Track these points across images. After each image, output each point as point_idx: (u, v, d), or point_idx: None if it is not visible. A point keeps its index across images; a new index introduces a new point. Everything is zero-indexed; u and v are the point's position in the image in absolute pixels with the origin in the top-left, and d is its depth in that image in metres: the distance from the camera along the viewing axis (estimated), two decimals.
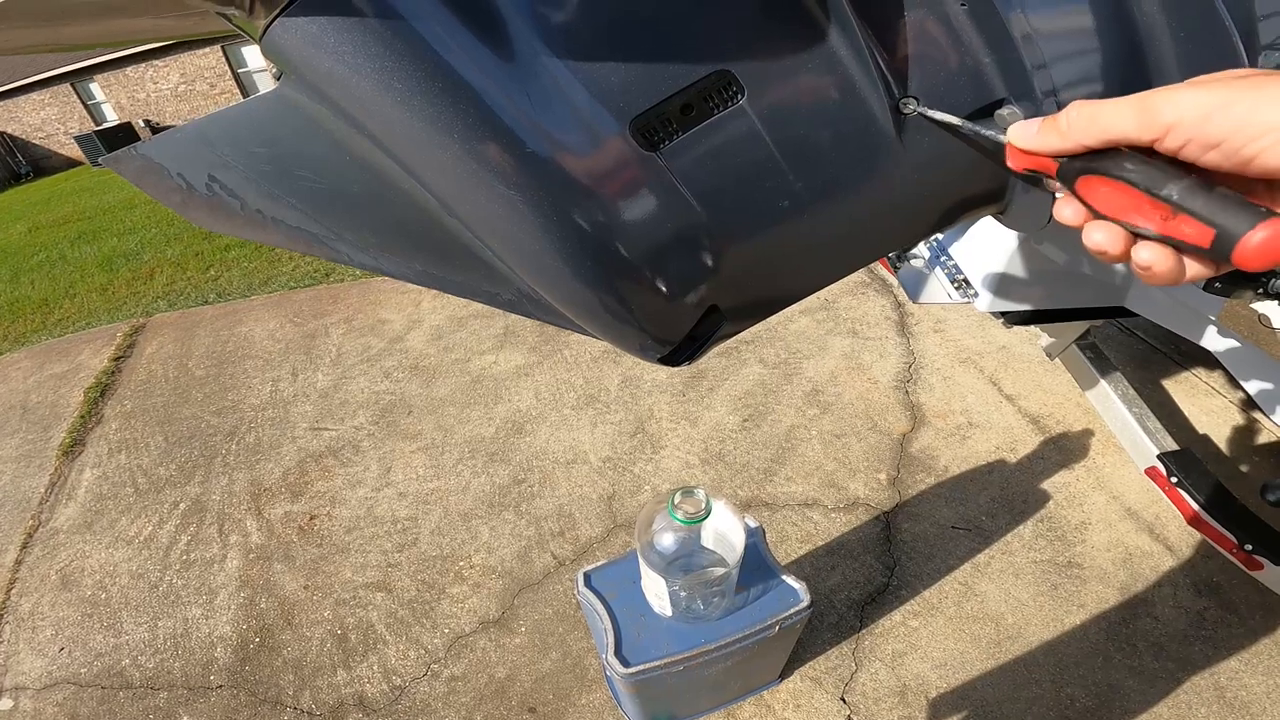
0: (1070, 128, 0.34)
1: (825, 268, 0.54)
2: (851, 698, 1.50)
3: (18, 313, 4.69)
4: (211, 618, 1.92)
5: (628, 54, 0.41)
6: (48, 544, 2.31)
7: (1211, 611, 1.59)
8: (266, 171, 0.49)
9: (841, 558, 1.82)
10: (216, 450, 2.65)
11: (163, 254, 5.47)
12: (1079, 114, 0.34)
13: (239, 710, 1.67)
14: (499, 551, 1.98)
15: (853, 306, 2.97)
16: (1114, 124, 0.32)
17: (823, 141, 0.46)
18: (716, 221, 0.46)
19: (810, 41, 0.43)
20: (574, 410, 2.55)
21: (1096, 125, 0.33)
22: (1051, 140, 0.36)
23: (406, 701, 1.62)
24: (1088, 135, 0.34)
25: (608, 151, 0.43)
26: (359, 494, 2.29)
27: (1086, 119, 0.34)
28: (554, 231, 0.43)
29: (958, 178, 0.50)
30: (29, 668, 1.87)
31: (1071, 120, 0.34)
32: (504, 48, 0.39)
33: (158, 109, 16.34)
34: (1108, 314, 1.37)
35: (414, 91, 0.38)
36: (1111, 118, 0.32)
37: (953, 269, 1.34)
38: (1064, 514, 1.87)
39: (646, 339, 0.51)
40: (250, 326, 3.68)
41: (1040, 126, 0.37)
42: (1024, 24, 0.43)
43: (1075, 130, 0.34)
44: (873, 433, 2.24)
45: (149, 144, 0.53)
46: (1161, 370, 2.33)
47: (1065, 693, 1.47)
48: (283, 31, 0.38)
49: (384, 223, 0.50)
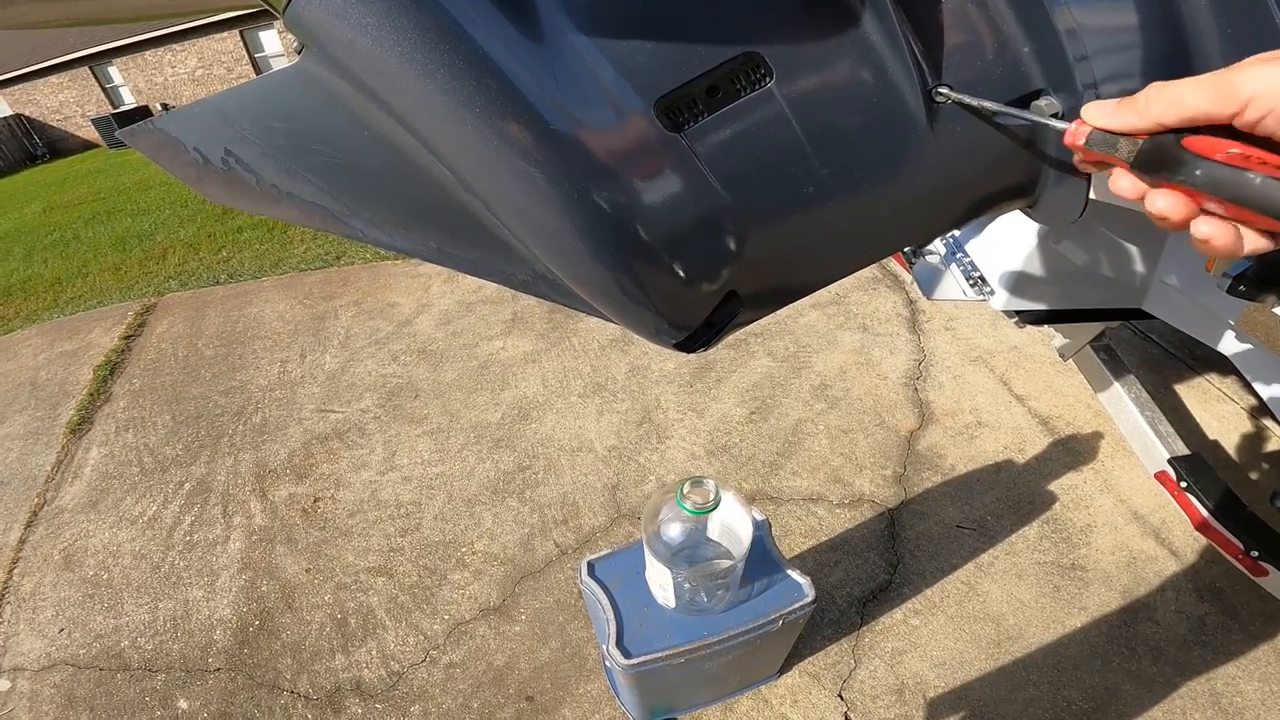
0: (1150, 105, 0.35)
1: (847, 257, 0.53)
2: (849, 695, 1.50)
3: (30, 291, 4.72)
4: (212, 600, 1.93)
5: (654, 33, 0.40)
6: (52, 523, 2.32)
7: (1212, 617, 1.59)
8: (283, 146, 0.49)
9: (845, 554, 1.81)
10: (223, 430, 2.66)
11: (176, 235, 5.49)
12: (1157, 94, 0.34)
13: (236, 693, 1.68)
14: (501, 538, 1.99)
15: (864, 302, 2.95)
16: (1193, 101, 0.33)
17: (851, 128, 0.45)
18: (739, 206, 0.46)
19: (843, 25, 0.42)
20: (580, 398, 2.54)
21: (1176, 104, 0.33)
22: (1129, 118, 0.36)
23: (404, 687, 1.63)
24: (1167, 114, 0.34)
25: (631, 131, 0.42)
26: (364, 477, 2.30)
27: (1166, 99, 0.34)
28: (573, 210, 0.43)
29: (990, 168, 0.49)
30: (28, 648, 1.89)
31: (1151, 99, 0.35)
32: (530, 23, 0.38)
33: (175, 93, 16.36)
34: (1124, 316, 1.35)
35: (437, 65, 0.38)
36: (1190, 95, 0.33)
37: (969, 266, 1.33)
38: (1070, 516, 1.86)
39: (662, 323, 0.50)
40: (260, 307, 3.69)
41: (1117, 105, 0.37)
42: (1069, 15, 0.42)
43: (1154, 108, 0.34)
44: (880, 429, 2.23)
45: (166, 118, 0.53)
46: (1174, 375, 2.31)
47: (1062, 695, 1.47)
48: (306, 4, 0.38)
49: (401, 199, 0.50)
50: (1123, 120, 0.36)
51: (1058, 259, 1.22)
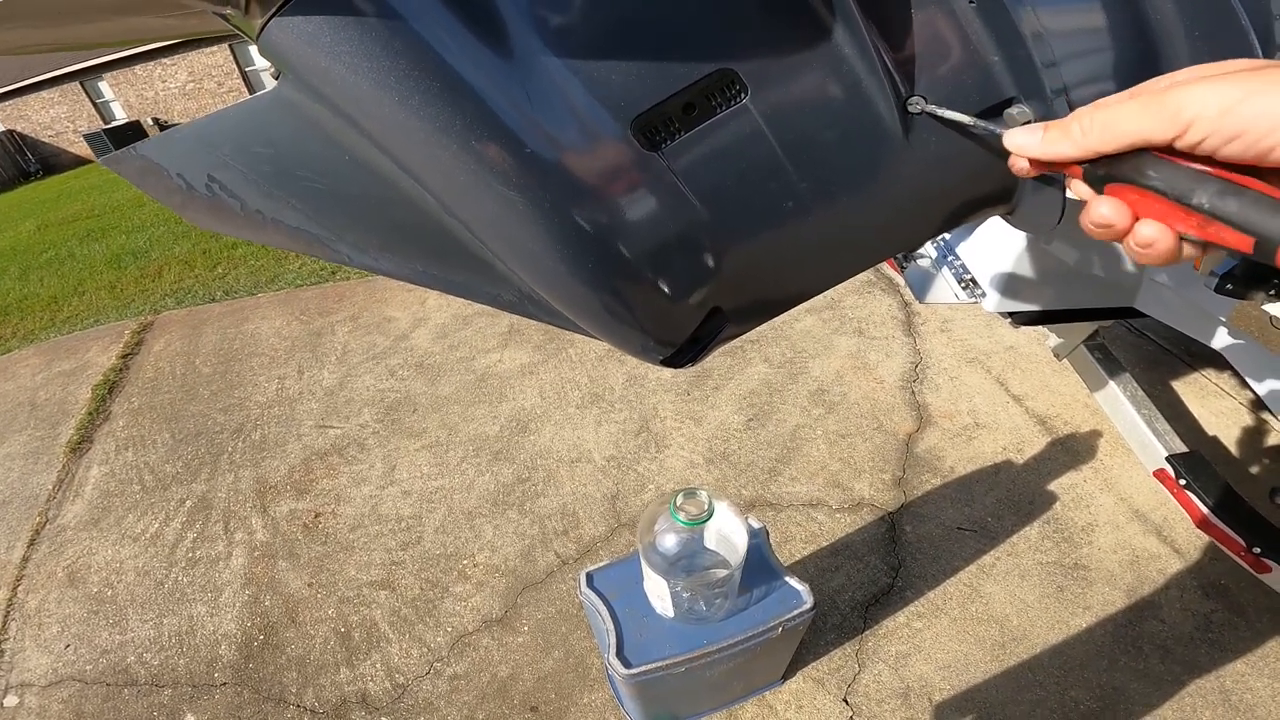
0: (1085, 134, 0.33)
1: (830, 269, 0.53)
2: (854, 699, 1.50)
3: (26, 310, 4.72)
4: (216, 615, 1.93)
5: (628, 52, 0.41)
6: (55, 541, 2.32)
7: (1218, 614, 1.58)
8: (266, 172, 0.49)
9: (846, 558, 1.81)
10: (223, 447, 2.66)
11: (170, 251, 5.50)
12: (1092, 120, 0.33)
13: (243, 708, 1.67)
14: (502, 550, 1.99)
15: (859, 306, 2.96)
16: (1132, 126, 0.31)
17: (828, 141, 0.45)
18: (719, 222, 0.46)
19: (814, 39, 0.43)
20: (578, 409, 2.54)
21: (1113, 130, 0.32)
22: (1062, 148, 0.34)
23: (409, 700, 1.62)
24: (1104, 142, 0.32)
25: (608, 151, 0.42)
26: (364, 492, 2.30)
27: (1101, 125, 0.32)
28: (554, 232, 0.43)
29: (966, 178, 0.49)
30: (35, 664, 1.89)
31: (1085, 127, 0.33)
32: (502, 46, 0.39)
33: (166, 107, 16.42)
34: (1117, 314, 1.36)
35: (411, 91, 0.38)
36: (1128, 121, 0.31)
37: (960, 269, 1.33)
38: (1071, 515, 1.86)
39: (649, 341, 0.50)
40: (257, 324, 3.69)
41: (1045, 134, 0.35)
42: (1034, 21, 0.42)
43: (1090, 137, 0.33)
44: (878, 433, 2.23)
45: (148, 144, 0.53)
46: (1171, 371, 2.31)
47: (1069, 695, 1.46)
48: (279, 31, 0.38)
49: (384, 223, 0.50)
50: (1054, 150, 0.34)
51: (1048, 260, 1.23)
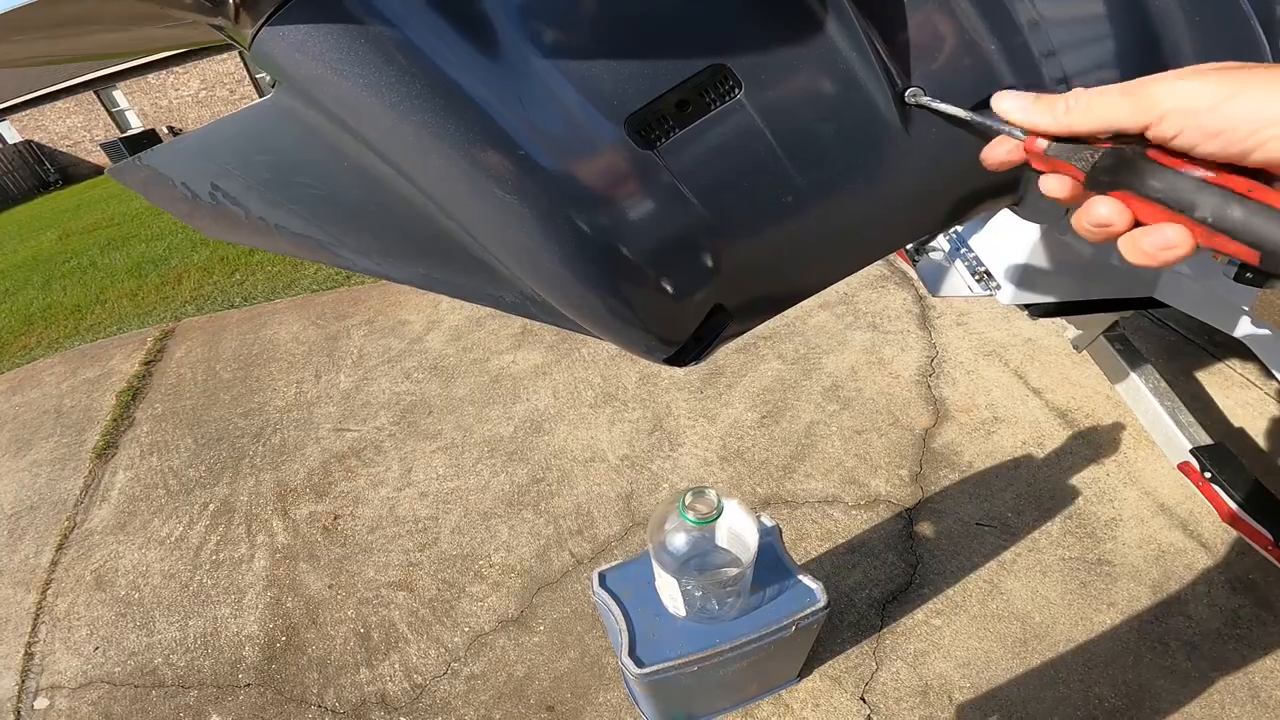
0: (1068, 113, 0.34)
1: (831, 264, 0.53)
2: (872, 697, 1.48)
3: (50, 319, 4.83)
4: (240, 617, 1.96)
5: (619, 51, 0.40)
6: (83, 545, 2.37)
7: (1246, 609, 1.54)
8: (267, 179, 0.50)
9: (862, 555, 1.79)
10: (244, 452, 2.70)
11: (189, 259, 5.59)
12: (1078, 100, 0.34)
13: (266, 708, 1.70)
14: (518, 550, 1.99)
15: (873, 300, 2.93)
16: (1112, 112, 0.33)
17: (825, 135, 0.44)
18: (718, 219, 0.45)
19: (806, 32, 0.42)
20: (592, 408, 2.55)
21: (1090, 113, 0.33)
22: (1043, 120, 0.36)
23: (427, 700, 1.63)
24: (1079, 122, 0.34)
25: (604, 151, 0.42)
26: (381, 494, 2.32)
27: (1083, 106, 0.34)
28: (552, 234, 0.43)
29: (968, 169, 0.48)
30: (65, 667, 1.93)
31: (1070, 105, 0.34)
32: (493, 50, 0.39)
33: (180, 115, 16.68)
34: (1136, 305, 1.32)
35: (403, 96, 0.38)
36: (1105, 106, 0.33)
37: (973, 261, 1.31)
38: (1094, 510, 1.82)
39: (651, 340, 0.50)
40: (275, 329, 3.74)
41: (1033, 103, 0.36)
42: (1031, 10, 0.41)
43: (1072, 116, 0.34)
44: (894, 428, 2.20)
45: (152, 154, 0.54)
46: (1194, 362, 2.26)
47: (1094, 692, 1.43)
48: (270, 39, 0.38)
49: (384, 227, 0.50)
50: (1035, 118, 0.36)
51: (1063, 250, 1.20)
